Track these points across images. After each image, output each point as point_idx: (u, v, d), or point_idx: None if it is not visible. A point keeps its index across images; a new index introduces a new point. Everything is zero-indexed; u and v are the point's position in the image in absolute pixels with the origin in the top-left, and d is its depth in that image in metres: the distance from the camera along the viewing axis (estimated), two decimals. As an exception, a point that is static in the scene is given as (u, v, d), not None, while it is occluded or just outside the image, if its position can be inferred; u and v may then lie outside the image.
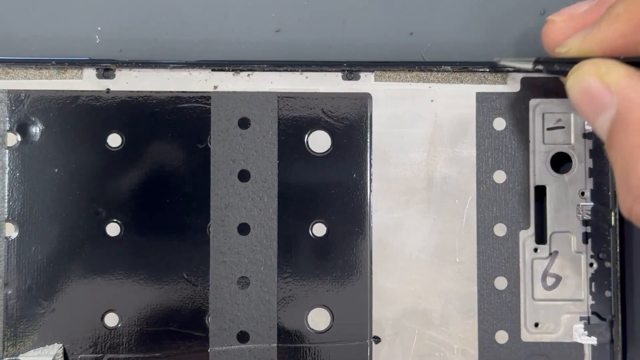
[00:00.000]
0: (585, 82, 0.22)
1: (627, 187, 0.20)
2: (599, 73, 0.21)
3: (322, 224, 0.27)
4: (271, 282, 0.27)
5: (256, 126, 0.27)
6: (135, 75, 0.27)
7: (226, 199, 0.27)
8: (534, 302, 0.27)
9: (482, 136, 0.27)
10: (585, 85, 0.22)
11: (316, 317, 0.27)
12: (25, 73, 0.27)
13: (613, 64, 0.21)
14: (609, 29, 0.22)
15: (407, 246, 0.27)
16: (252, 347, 0.27)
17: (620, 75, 0.21)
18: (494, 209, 0.27)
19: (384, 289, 0.27)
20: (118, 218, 0.27)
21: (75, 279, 0.27)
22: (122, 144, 0.27)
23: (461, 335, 0.27)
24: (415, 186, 0.27)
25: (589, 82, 0.22)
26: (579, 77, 0.22)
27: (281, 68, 0.27)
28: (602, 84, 0.21)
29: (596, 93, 0.21)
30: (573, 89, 0.22)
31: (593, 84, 0.22)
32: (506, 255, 0.27)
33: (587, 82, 0.22)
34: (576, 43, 0.23)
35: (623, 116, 0.21)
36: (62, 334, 0.26)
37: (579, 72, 0.22)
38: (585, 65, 0.22)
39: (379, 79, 0.27)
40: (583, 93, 0.22)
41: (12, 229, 0.26)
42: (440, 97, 0.27)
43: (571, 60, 0.23)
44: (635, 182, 0.20)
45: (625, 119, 0.20)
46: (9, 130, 0.27)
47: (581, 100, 0.22)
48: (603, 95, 0.21)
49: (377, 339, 0.27)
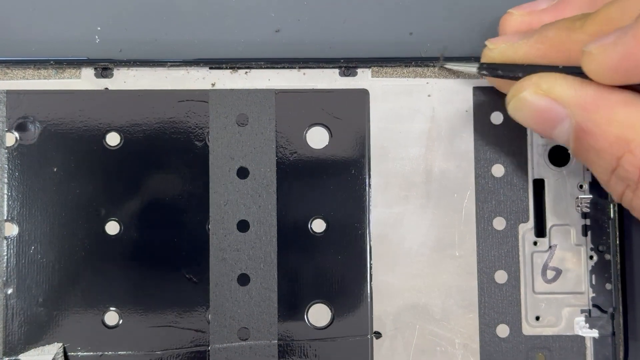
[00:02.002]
0: (531, 102, 0.22)
1: (615, 180, 0.21)
2: (543, 90, 0.22)
3: (322, 220, 0.27)
4: (271, 278, 0.27)
5: (254, 123, 0.27)
6: (133, 74, 0.27)
7: (225, 196, 0.27)
8: (534, 296, 0.27)
9: (479, 130, 0.27)
10: (533, 105, 0.22)
11: (316, 313, 0.27)
12: (24, 73, 0.27)
13: (553, 78, 0.22)
14: (533, 47, 0.23)
15: (406, 241, 0.27)
16: (253, 344, 0.27)
17: (565, 86, 0.21)
18: (493, 203, 0.27)
19: (384, 284, 0.27)
20: (117, 217, 0.27)
21: (75, 278, 0.27)
22: (120, 142, 0.27)
23: (462, 329, 0.27)
24: (414, 181, 0.27)
25: (536, 101, 0.22)
26: (522, 100, 0.22)
27: (279, 65, 0.27)
28: (550, 100, 0.22)
29: (546, 110, 0.22)
30: (519, 112, 0.23)
31: (540, 102, 0.22)
32: (506, 248, 0.27)
33: (533, 102, 0.22)
34: (503, 47, 0.24)
35: (583, 123, 0.21)
36: (62, 333, 0.26)
37: (520, 94, 0.22)
38: (526, 86, 0.22)
39: (376, 75, 0.27)
40: (532, 113, 0.22)
41: (11, 229, 0.26)
42: (438, 92, 0.27)
43: (514, 68, 0.23)
44: (624, 174, 0.20)
45: (587, 125, 0.21)
46: (8, 130, 0.27)
47: (532, 120, 0.22)
48: (554, 110, 0.22)
49: (378, 334, 0.27)
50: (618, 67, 0.19)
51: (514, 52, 0.23)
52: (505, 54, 0.24)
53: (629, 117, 0.20)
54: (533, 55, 0.23)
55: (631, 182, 0.20)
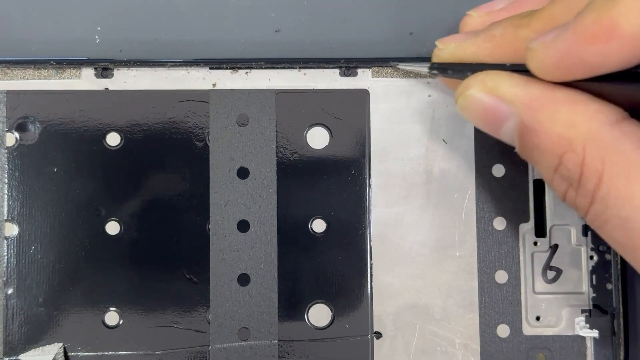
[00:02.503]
0: (477, 99, 0.22)
1: (558, 178, 0.21)
2: (488, 88, 0.22)
3: (322, 220, 0.27)
4: (271, 278, 0.27)
5: (254, 123, 0.27)
6: (134, 74, 0.27)
7: (225, 196, 0.27)
8: (534, 296, 0.27)
9: (480, 130, 0.27)
10: (478, 103, 0.22)
11: (317, 313, 0.27)
12: (24, 73, 0.27)
13: (499, 76, 0.22)
14: (481, 46, 0.23)
15: (406, 241, 0.27)
16: (253, 344, 0.27)
17: (510, 84, 0.21)
18: (493, 203, 0.27)
19: (385, 284, 0.27)
20: (118, 217, 0.27)
21: (75, 278, 0.27)
22: (120, 143, 0.27)
23: (463, 329, 0.27)
24: (414, 181, 0.27)
25: (481, 99, 0.22)
26: (468, 97, 0.22)
27: (279, 65, 0.27)
28: (495, 98, 0.22)
29: (491, 107, 0.22)
30: (466, 110, 0.23)
31: (486, 100, 0.22)
32: (506, 248, 0.27)
33: (479, 99, 0.22)
34: (452, 47, 0.24)
35: (527, 122, 0.21)
36: (63, 333, 0.26)
37: (467, 92, 0.22)
38: (472, 84, 0.22)
39: (376, 75, 0.27)
40: (478, 111, 0.22)
41: (12, 229, 0.26)
42: (438, 92, 0.27)
43: (463, 67, 0.23)
44: (565, 172, 0.20)
45: (531, 124, 0.21)
46: (8, 130, 0.27)
47: (478, 117, 0.22)
48: (499, 108, 0.22)
49: (379, 334, 0.27)
50: (559, 64, 0.19)
51: (462, 51, 0.23)
52: (454, 54, 0.24)
53: (571, 116, 0.20)
54: (481, 54, 0.23)
55: (573, 181, 0.20)
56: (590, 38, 0.18)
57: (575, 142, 0.20)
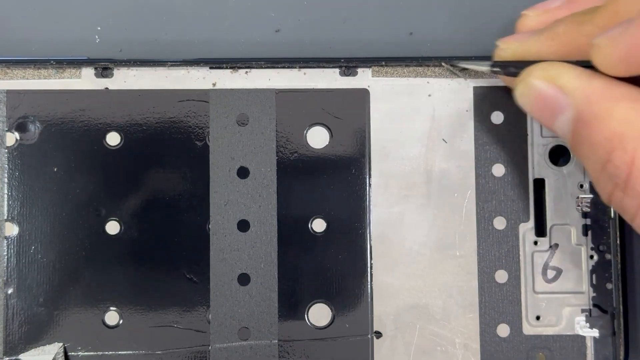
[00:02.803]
0: (537, 87, 0.22)
1: (605, 177, 0.21)
2: (549, 77, 0.21)
3: (322, 220, 0.27)
4: (271, 278, 0.27)
5: (254, 123, 0.27)
6: (134, 74, 0.27)
7: (225, 196, 0.27)
8: (535, 295, 0.27)
9: (480, 130, 0.27)
10: (538, 91, 0.22)
11: (317, 312, 0.27)
12: (24, 73, 0.27)
13: (562, 67, 0.21)
14: (544, 44, 0.23)
15: (407, 241, 0.27)
16: (253, 344, 0.27)
17: (572, 76, 0.21)
18: (493, 203, 0.27)
19: (385, 284, 0.27)
20: (118, 216, 0.27)
21: (76, 278, 0.27)
22: (121, 142, 0.27)
23: (463, 329, 0.27)
24: (415, 181, 0.27)
25: (541, 87, 0.22)
26: (528, 85, 0.22)
27: (279, 65, 0.27)
28: (555, 87, 0.21)
29: (550, 97, 0.21)
30: (524, 97, 0.23)
31: (546, 89, 0.22)
32: (506, 248, 0.27)
33: (538, 88, 0.22)
34: (514, 46, 0.24)
35: (584, 114, 0.21)
36: (63, 333, 0.26)
37: (528, 79, 0.22)
38: (534, 72, 0.22)
39: (376, 75, 0.27)
40: (536, 99, 0.22)
41: (12, 229, 0.26)
42: (438, 91, 0.27)
43: (525, 63, 0.23)
44: (613, 170, 0.20)
45: (587, 117, 0.20)
46: (8, 130, 0.27)
47: (535, 106, 0.22)
48: (558, 98, 0.21)
49: (379, 334, 0.27)
50: (626, 58, 0.19)
51: (525, 50, 0.23)
52: (517, 52, 0.23)
53: (628, 113, 0.20)
54: (545, 52, 0.23)
55: (620, 180, 0.20)
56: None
57: (626, 140, 0.19)
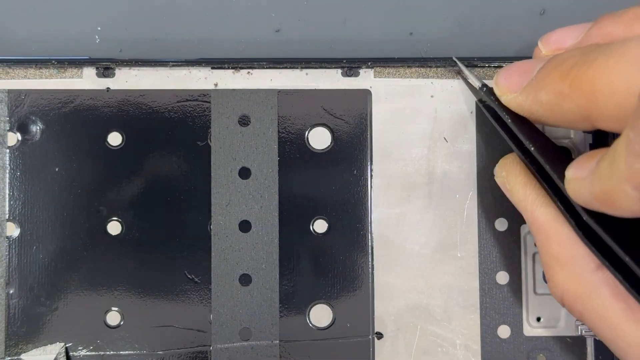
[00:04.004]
0: (497, 180, 0.25)
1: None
2: (502, 177, 0.25)
3: (323, 221, 0.27)
4: (273, 279, 0.27)
5: (256, 123, 0.27)
6: (135, 73, 0.27)
7: (227, 196, 0.27)
8: (535, 297, 0.27)
9: (482, 131, 0.27)
10: (498, 182, 0.25)
11: (318, 313, 0.27)
12: (25, 73, 0.27)
13: (512, 172, 0.24)
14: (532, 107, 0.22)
15: (408, 242, 0.27)
16: (255, 344, 0.27)
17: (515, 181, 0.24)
18: (494, 204, 0.27)
19: (386, 284, 0.27)
20: (119, 216, 0.27)
21: (77, 278, 0.27)
22: (122, 142, 0.27)
23: (463, 330, 0.27)
24: (416, 182, 0.27)
25: (500, 182, 0.25)
26: (495, 172, 0.26)
27: (281, 65, 0.27)
28: (506, 189, 0.25)
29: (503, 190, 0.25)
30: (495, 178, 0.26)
31: (501, 185, 0.25)
32: (507, 249, 0.27)
33: (498, 181, 0.25)
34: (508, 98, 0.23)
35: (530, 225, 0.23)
36: (64, 333, 0.26)
37: (496, 167, 0.25)
38: (496, 167, 0.25)
39: (378, 75, 0.27)
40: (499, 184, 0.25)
41: (13, 229, 0.26)
42: (440, 92, 0.27)
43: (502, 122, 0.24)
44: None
45: (531, 227, 0.23)
46: (10, 129, 0.27)
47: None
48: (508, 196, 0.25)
49: (380, 334, 0.27)
50: (591, 203, 0.20)
51: (516, 105, 0.23)
52: (509, 104, 0.23)
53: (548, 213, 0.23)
54: (534, 116, 0.22)
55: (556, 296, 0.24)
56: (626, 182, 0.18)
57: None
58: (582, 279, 0.22)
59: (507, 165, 0.25)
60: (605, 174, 0.18)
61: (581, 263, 0.22)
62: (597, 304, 0.21)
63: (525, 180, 0.24)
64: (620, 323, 0.21)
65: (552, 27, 0.29)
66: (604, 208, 0.19)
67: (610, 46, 0.19)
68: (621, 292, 0.21)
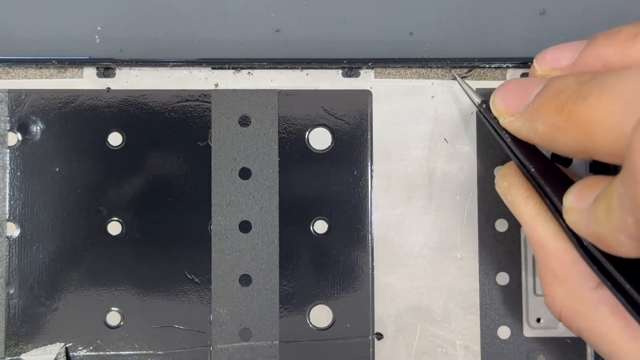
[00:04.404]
0: (498, 189, 0.25)
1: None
2: (503, 188, 0.24)
3: (324, 221, 0.27)
4: (273, 279, 0.27)
5: (257, 124, 0.27)
6: (136, 74, 0.27)
7: (227, 197, 0.27)
8: (535, 298, 0.27)
9: (482, 132, 0.27)
10: (499, 191, 0.25)
11: (318, 314, 0.27)
12: (26, 73, 0.27)
13: (514, 184, 0.24)
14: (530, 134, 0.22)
15: (408, 242, 0.27)
16: (255, 345, 0.27)
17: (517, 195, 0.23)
18: (495, 205, 0.27)
19: (386, 285, 0.27)
20: (119, 217, 0.27)
21: (77, 278, 0.27)
22: (122, 142, 0.27)
23: (463, 331, 0.27)
24: (416, 182, 0.27)
25: (501, 193, 0.25)
26: (496, 181, 0.25)
27: (281, 65, 0.27)
28: (507, 200, 0.24)
29: (504, 200, 0.24)
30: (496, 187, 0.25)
31: (502, 195, 0.24)
32: (507, 250, 0.27)
33: (500, 191, 0.25)
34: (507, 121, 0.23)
35: (530, 239, 0.23)
36: (64, 333, 0.26)
37: (497, 176, 0.25)
38: (497, 174, 0.25)
39: (379, 76, 0.27)
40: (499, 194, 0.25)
41: (13, 229, 0.26)
42: (441, 93, 0.27)
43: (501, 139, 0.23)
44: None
45: (531, 242, 0.23)
46: (10, 129, 0.27)
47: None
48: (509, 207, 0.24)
49: (380, 335, 0.27)
50: (588, 238, 0.20)
51: (513, 130, 0.22)
52: (507, 127, 0.23)
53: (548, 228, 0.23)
54: (531, 142, 0.22)
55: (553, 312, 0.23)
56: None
57: None
58: (582, 296, 0.22)
59: (508, 176, 0.24)
60: (601, 218, 0.18)
61: (581, 280, 0.22)
62: (596, 321, 0.21)
63: (527, 193, 0.23)
64: (619, 340, 0.21)
65: (552, 27, 0.29)
66: (601, 247, 0.19)
67: (604, 80, 0.19)
68: (620, 310, 0.21)
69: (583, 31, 0.29)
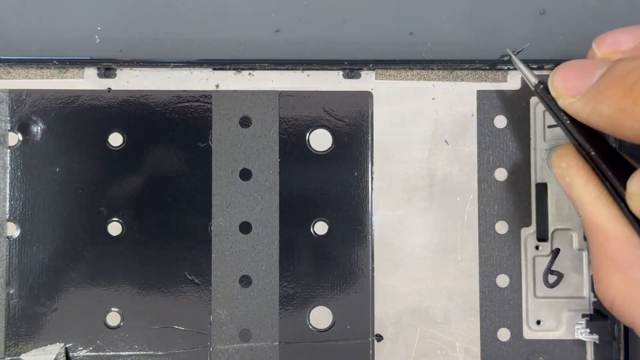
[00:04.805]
0: (555, 170, 0.24)
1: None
2: (561, 168, 0.23)
3: (324, 223, 0.27)
4: (273, 280, 0.27)
5: (257, 125, 0.27)
6: (136, 74, 0.27)
7: (228, 197, 0.27)
8: (535, 300, 0.27)
9: (483, 134, 0.27)
10: (556, 172, 0.24)
11: (318, 315, 0.27)
12: (27, 73, 0.27)
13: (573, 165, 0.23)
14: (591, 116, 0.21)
15: (408, 244, 0.27)
16: (254, 346, 0.27)
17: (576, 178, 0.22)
18: (495, 207, 0.27)
19: (386, 287, 0.27)
20: (120, 217, 0.27)
21: (77, 279, 0.27)
22: (123, 143, 0.27)
23: (463, 333, 0.27)
24: (417, 184, 0.27)
25: (557, 174, 0.23)
26: (552, 162, 0.24)
27: (282, 66, 0.27)
28: (564, 182, 0.23)
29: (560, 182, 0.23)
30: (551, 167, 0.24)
31: (559, 176, 0.23)
32: (508, 252, 0.27)
33: (556, 172, 0.24)
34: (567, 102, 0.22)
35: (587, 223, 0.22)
36: (64, 333, 0.26)
37: (551, 158, 0.24)
38: (553, 155, 0.24)
39: (380, 77, 0.27)
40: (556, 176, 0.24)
41: (13, 229, 0.26)
42: (442, 95, 0.27)
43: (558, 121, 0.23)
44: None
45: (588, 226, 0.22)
46: (11, 129, 0.27)
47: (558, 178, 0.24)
48: (565, 189, 0.23)
49: (379, 337, 0.27)
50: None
51: (573, 112, 0.22)
52: (566, 109, 0.22)
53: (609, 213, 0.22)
54: (592, 125, 0.21)
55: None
56: None
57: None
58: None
59: (566, 156, 0.23)
60: None
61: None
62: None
63: (587, 175, 0.22)
64: None
65: (552, 27, 0.29)
66: None
67: None
68: None
69: (583, 31, 0.29)
